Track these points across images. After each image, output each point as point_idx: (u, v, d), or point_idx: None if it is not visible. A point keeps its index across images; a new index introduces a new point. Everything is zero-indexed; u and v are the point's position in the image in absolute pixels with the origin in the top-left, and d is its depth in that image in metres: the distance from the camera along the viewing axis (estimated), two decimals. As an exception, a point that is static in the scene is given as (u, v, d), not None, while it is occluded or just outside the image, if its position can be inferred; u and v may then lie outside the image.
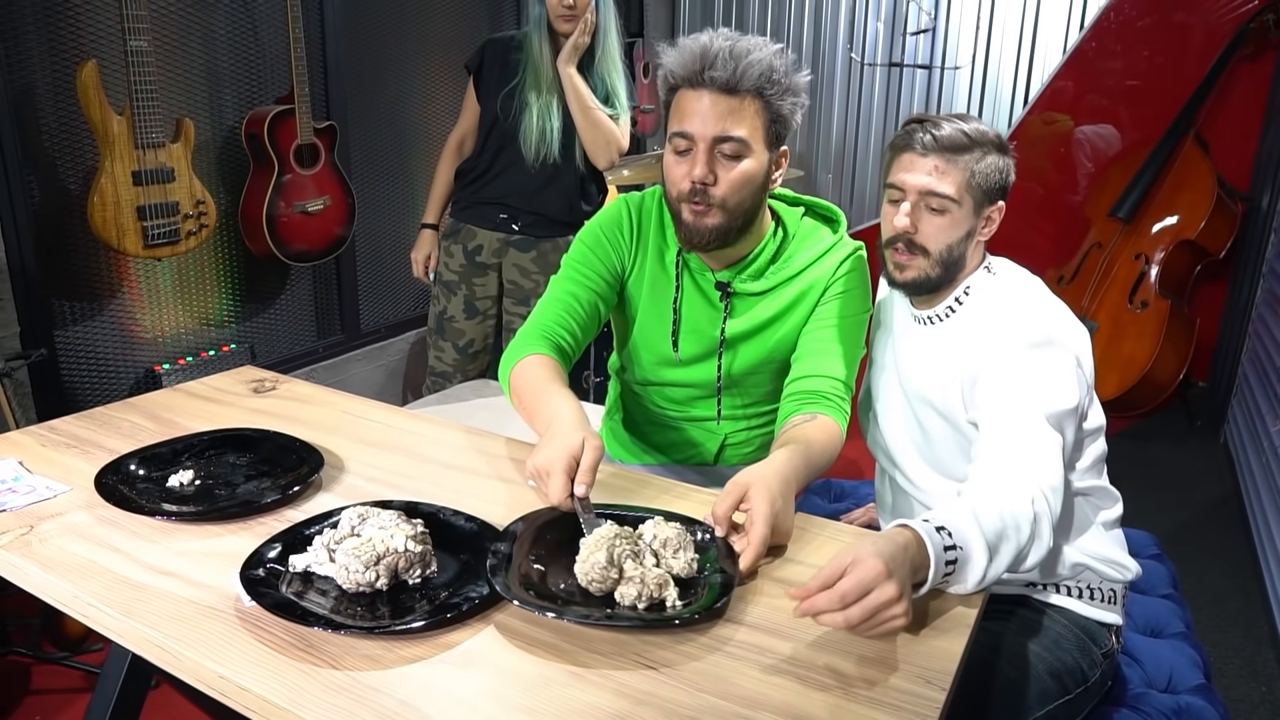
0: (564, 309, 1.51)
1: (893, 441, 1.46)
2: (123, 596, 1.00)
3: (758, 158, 1.38)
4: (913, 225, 1.30)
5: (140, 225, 2.34)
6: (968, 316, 1.34)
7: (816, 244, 1.52)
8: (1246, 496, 2.85)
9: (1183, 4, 3.66)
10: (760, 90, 1.34)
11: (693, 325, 1.54)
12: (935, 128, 1.28)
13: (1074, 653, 1.29)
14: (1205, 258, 3.45)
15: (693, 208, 1.40)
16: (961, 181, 1.28)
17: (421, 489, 1.27)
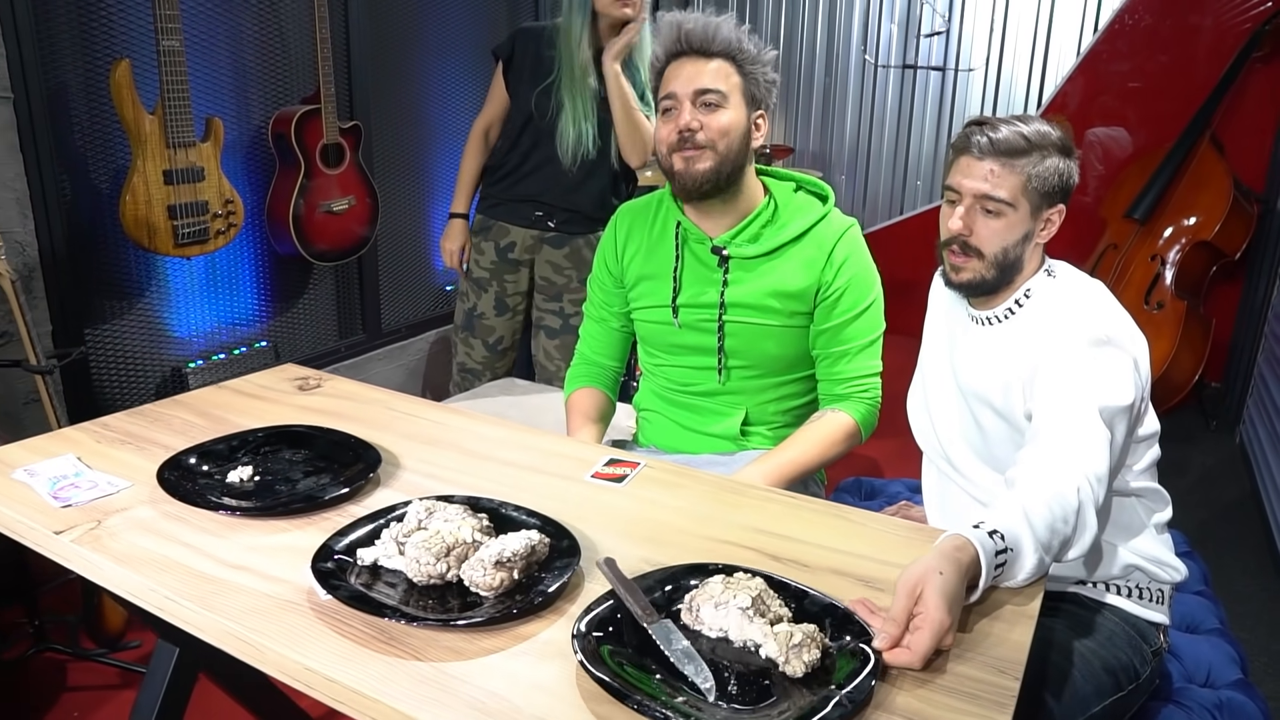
0: (599, 335, 1.82)
1: (947, 438, 1.47)
2: (199, 590, 1.01)
3: (737, 111, 1.55)
4: (967, 228, 1.31)
5: (171, 224, 2.35)
6: (1028, 318, 1.35)
7: (809, 213, 1.63)
8: (1265, 496, 2.87)
9: (1196, 6, 3.69)
10: (731, 54, 1.54)
11: (692, 292, 1.65)
12: (993, 130, 1.29)
13: (1127, 650, 1.31)
14: (1221, 259, 3.47)
15: (684, 155, 1.56)
16: (1017, 185, 1.28)
17: (477, 484, 1.28)
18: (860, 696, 0.85)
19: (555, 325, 2.58)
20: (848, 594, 1.02)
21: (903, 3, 4.26)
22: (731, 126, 1.54)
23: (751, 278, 1.62)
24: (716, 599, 0.96)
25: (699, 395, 1.72)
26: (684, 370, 1.71)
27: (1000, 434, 1.38)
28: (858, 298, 1.62)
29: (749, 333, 1.64)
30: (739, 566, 1.03)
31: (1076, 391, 1.21)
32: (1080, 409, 1.20)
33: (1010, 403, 1.33)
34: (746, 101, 1.56)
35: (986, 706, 0.86)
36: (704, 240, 1.63)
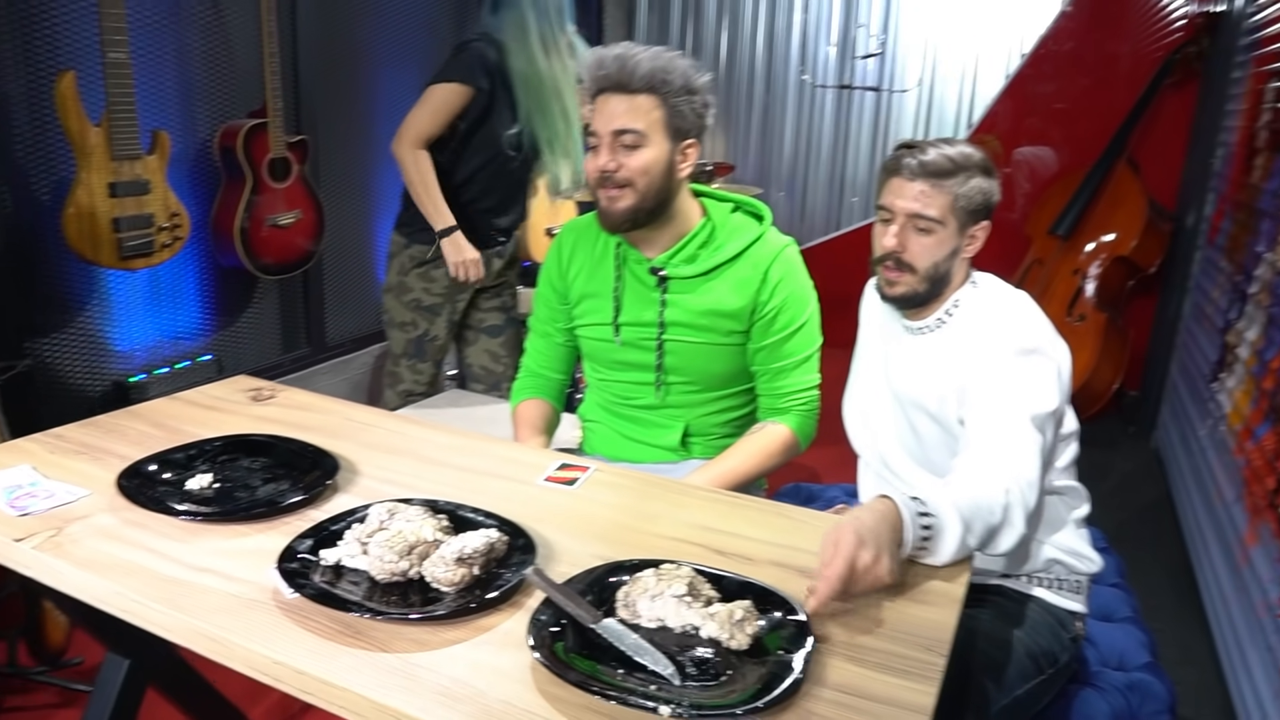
0: (545, 348, 1.86)
1: (883, 443, 1.55)
2: (165, 592, 1.04)
3: (657, 147, 1.56)
4: (900, 245, 1.39)
5: (115, 237, 2.35)
6: (957, 327, 1.44)
7: (745, 234, 1.67)
8: (1178, 497, 3.04)
9: (1114, 35, 3.90)
10: (653, 88, 1.53)
11: (632, 312, 1.69)
12: (922, 153, 1.37)
13: (1048, 637, 1.40)
14: (1138, 273, 3.66)
15: (605, 194, 1.59)
16: (946, 204, 1.37)
17: (435, 489, 1.33)
18: (807, 656, 0.93)
19: (499, 322, 2.65)
20: (789, 585, 1.09)
21: (839, 26, 4.42)
22: (651, 164, 1.55)
23: (689, 297, 1.66)
24: (651, 591, 1.02)
25: (640, 408, 1.77)
26: (625, 385, 1.76)
27: (935, 438, 1.46)
28: (794, 315, 1.67)
29: (687, 350, 1.69)
30: (664, 560, 1.09)
31: (1006, 400, 1.30)
32: (1010, 417, 1.29)
33: (944, 408, 1.42)
34: (670, 135, 1.56)
35: (915, 680, 0.93)
36: (642, 261, 1.67)
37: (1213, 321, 3.01)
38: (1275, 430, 2.15)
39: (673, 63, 1.54)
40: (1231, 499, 2.38)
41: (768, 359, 1.69)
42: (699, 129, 1.60)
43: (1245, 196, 2.86)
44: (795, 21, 4.52)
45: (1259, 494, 2.15)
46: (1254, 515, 2.18)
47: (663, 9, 4.77)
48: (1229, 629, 2.20)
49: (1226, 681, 2.13)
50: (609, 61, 1.52)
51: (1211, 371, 2.88)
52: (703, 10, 4.70)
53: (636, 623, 1.01)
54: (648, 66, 1.51)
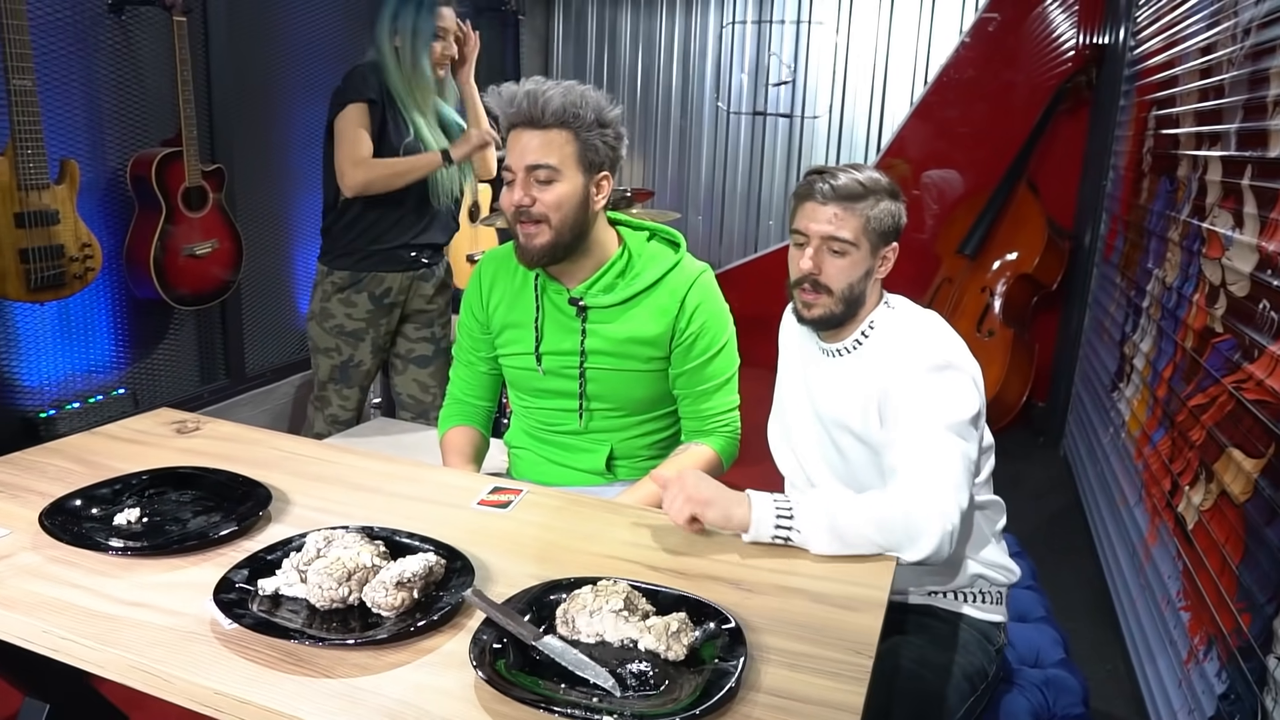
0: (470, 377, 1.86)
1: (809, 464, 1.59)
2: (97, 629, 1.03)
3: (570, 181, 1.56)
4: (816, 267, 1.44)
5: (23, 269, 2.28)
6: (873, 347, 1.49)
7: (662, 262, 1.70)
8: (1085, 502, 3.19)
9: (1009, 64, 4.11)
10: (564, 123, 1.53)
11: (553, 341, 1.71)
12: (833, 178, 1.43)
13: (978, 654, 1.46)
14: (1041, 290, 3.84)
15: (522, 229, 1.59)
16: (859, 226, 1.43)
17: (368, 516, 1.33)
18: (742, 663, 0.96)
19: (428, 353, 2.65)
20: (721, 597, 1.13)
21: (751, 54, 4.55)
22: (565, 199, 1.56)
23: (609, 326, 1.67)
24: (590, 607, 1.05)
25: (565, 433, 1.79)
26: (549, 412, 1.78)
27: (859, 457, 1.50)
28: (712, 340, 1.70)
29: (609, 378, 1.71)
30: (599, 577, 1.12)
31: (924, 414, 1.35)
32: (929, 429, 1.34)
33: (867, 427, 1.46)
34: (583, 168, 1.56)
35: (845, 681, 0.98)
36: (561, 291, 1.68)
37: (1111, 335, 3.18)
38: (1169, 435, 2.29)
39: (584, 96, 1.54)
40: (1133, 501, 2.52)
41: (689, 383, 1.72)
42: (612, 161, 1.61)
43: (1135, 216, 3.04)
44: (709, 50, 4.63)
45: (1157, 496, 2.28)
46: (1153, 516, 2.31)
47: (578, 38, 4.84)
48: (1135, 624, 2.32)
49: (1135, 673, 2.24)
50: (520, 97, 1.52)
51: (1111, 382, 3.04)
52: (617, 39, 4.78)
53: (576, 638, 1.04)
54: (559, 101, 1.51)
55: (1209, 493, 1.93)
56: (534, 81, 1.54)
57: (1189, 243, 2.34)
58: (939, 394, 1.37)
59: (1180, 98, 2.62)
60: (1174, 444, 2.24)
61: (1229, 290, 1.99)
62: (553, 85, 1.53)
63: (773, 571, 1.22)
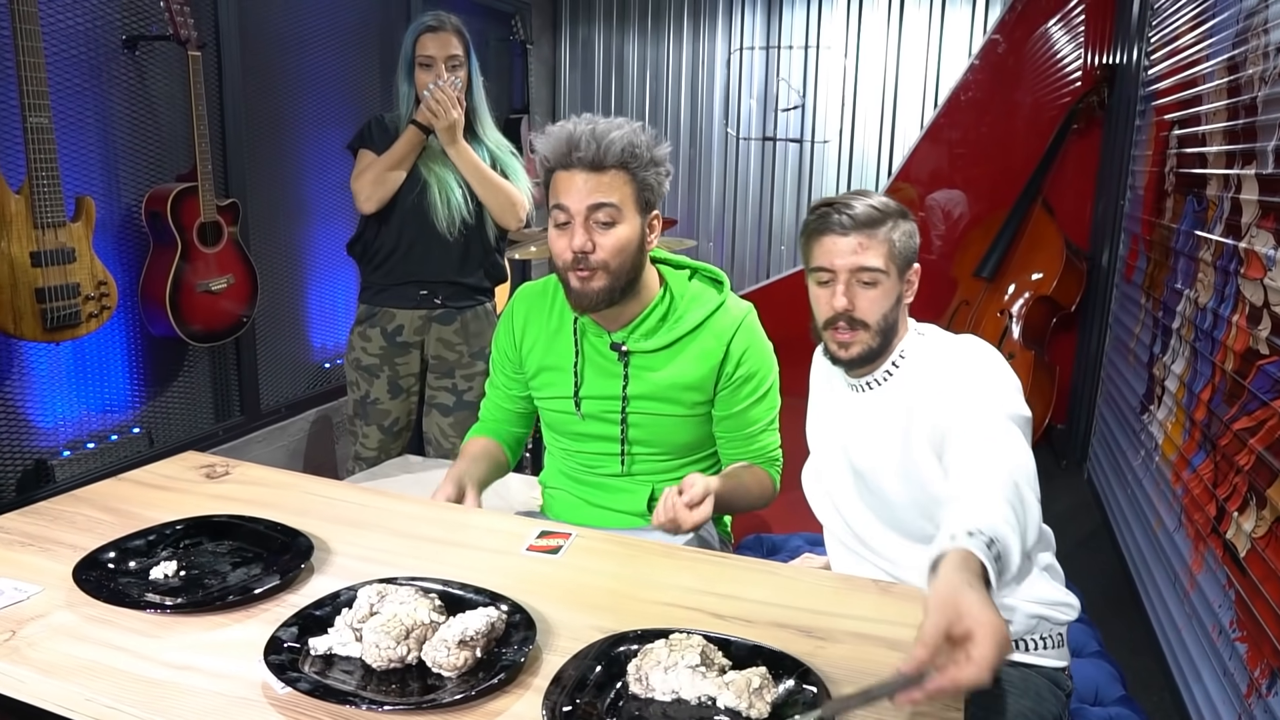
0: (499, 418, 1.83)
1: (848, 510, 1.51)
2: (143, 695, 0.97)
3: (630, 223, 1.51)
4: (850, 303, 1.37)
5: (39, 308, 2.23)
6: (906, 377, 1.41)
7: (705, 304, 1.64)
8: (1116, 526, 3.14)
9: (1019, 85, 4.10)
10: (624, 164, 1.48)
11: (594, 387, 1.64)
12: (848, 207, 1.37)
13: (1051, 702, 1.39)
14: (1059, 311, 3.81)
15: (578, 274, 1.52)
16: (885, 252, 1.37)
17: (415, 565, 1.28)
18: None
19: (449, 403, 2.58)
20: (793, 645, 1.08)
21: (760, 79, 4.53)
22: (626, 243, 1.51)
23: (652, 371, 1.62)
24: (664, 662, 1.00)
25: (605, 475, 1.72)
26: (588, 455, 1.72)
27: (902, 497, 1.41)
28: (759, 384, 1.65)
29: (653, 424, 1.65)
30: (670, 629, 1.07)
31: (986, 405, 1.25)
32: (993, 417, 1.23)
33: (910, 461, 1.37)
34: (640, 209, 1.52)
35: (939, 738, 0.93)
36: (602, 335, 1.63)
37: (1137, 356, 3.14)
38: (1211, 459, 2.24)
39: (637, 135, 1.50)
40: (1172, 527, 2.47)
41: (734, 426, 1.67)
42: (659, 199, 1.57)
43: (1159, 236, 3.01)
44: (718, 76, 4.62)
45: (1200, 522, 2.23)
46: (1197, 542, 2.26)
47: (585, 66, 4.83)
48: (1183, 654, 2.26)
49: (1185, 706, 2.18)
50: (581, 139, 1.46)
51: (1140, 404, 3.00)
52: (625, 67, 4.77)
53: (651, 696, 0.98)
54: (621, 144, 1.46)
55: (1262, 519, 1.87)
56: (586, 122, 1.48)
57: (1224, 262, 2.31)
58: (995, 387, 1.29)
59: (1206, 116, 2.60)
60: (1217, 468, 2.19)
61: (1273, 311, 1.95)
62: (610, 125, 1.48)
63: (841, 617, 1.17)
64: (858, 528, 1.50)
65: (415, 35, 2.43)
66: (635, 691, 0.99)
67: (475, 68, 2.49)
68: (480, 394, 2.62)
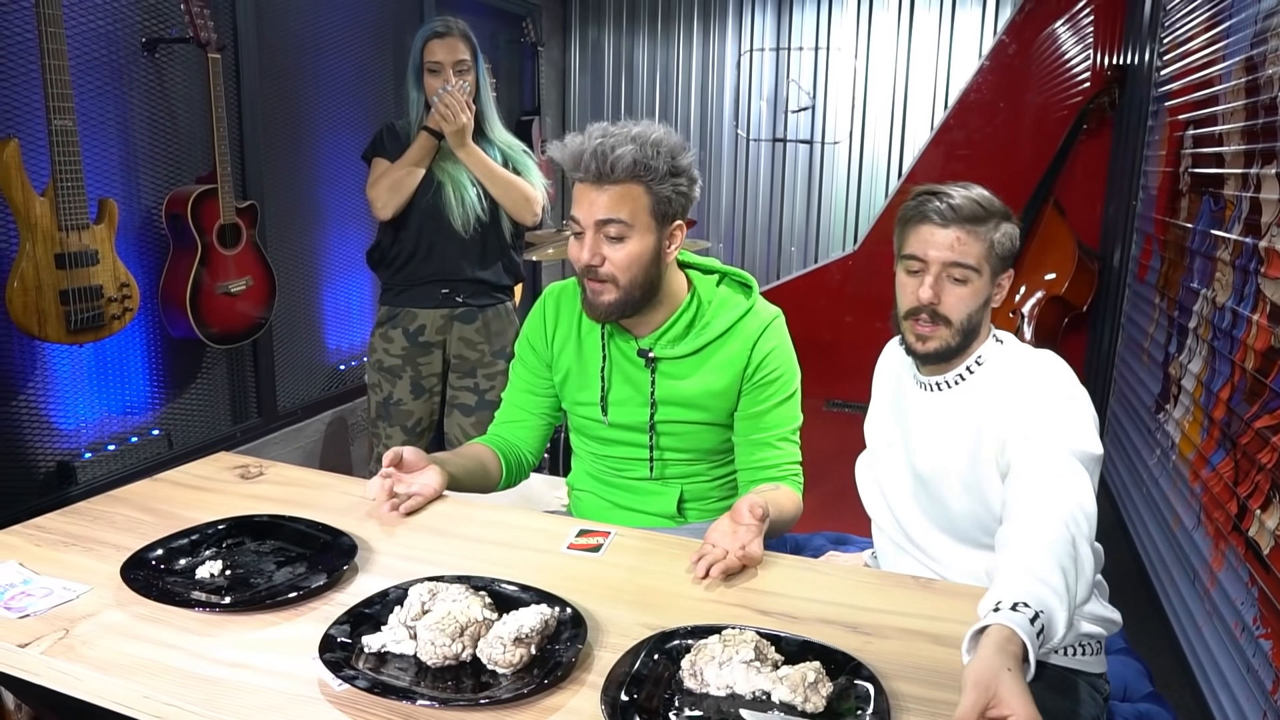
0: (517, 422, 1.79)
1: (901, 510, 1.49)
2: (201, 692, 0.98)
3: (643, 237, 1.48)
4: (936, 296, 1.34)
5: (63, 310, 2.24)
6: (981, 384, 1.38)
7: (733, 309, 1.62)
8: (1131, 525, 3.15)
9: (1030, 86, 4.11)
10: (636, 176, 1.45)
11: (621, 393, 1.64)
12: (950, 198, 1.33)
13: (1090, 705, 1.39)
14: (1071, 311, 3.82)
15: (590, 285, 1.53)
16: (982, 251, 1.33)
17: (459, 564, 1.29)
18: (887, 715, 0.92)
19: (470, 402, 2.59)
20: (841, 641, 1.09)
21: (770, 81, 4.54)
22: (635, 257, 1.48)
23: (679, 379, 1.60)
24: (719, 658, 1.01)
25: (633, 479, 1.71)
26: (616, 460, 1.71)
27: (962, 506, 1.39)
28: (781, 387, 1.61)
29: (681, 430, 1.64)
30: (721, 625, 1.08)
31: (1053, 439, 1.24)
32: (1058, 454, 1.22)
33: (976, 472, 1.35)
34: (656, 220, 1.48)
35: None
36: (630, 340, 1.62)
37: (1151, 355, 3.15)
38: (1231, 458, 2.25)
39: (658, 146, 1.45)
40: (1191, 526, 2.47)
41: (749, 429, 1.63)
42: (684, 208, 1.53)
43: (1174, 236, 3.02)
44: (728, 77, 4.63)
45: (1221, 520, 2.24)
46: (1217, 540, 2.26)
47: (595, 68, 4.84)
48: (1204, 652, 2.27)
49: (1207, 703, 2.19)
50: (587, 158, 1.44)
51: (1156, 403, 3.01)
52: (635, 69, 4.78)
53: (705, 691, 0.99)
54: (630, 158, 1.43)
55: (1286, 517, 1.88)
56: (601, 133, 1.46)
57: (1243, 261, 2.32)
58: (1068, 421, 1.27)
59: (1224, 116, 2.61)
60: (1238, 466, 2.19)
61: (1296, 310, 1.97)
62: (622, 137, 1.44)
63: (887, 613, 1.18)
64: (909, 526, 1.49)
65: (423, 41, 2.45)
66: (690, 686, 1.00)
67: (483, 71, 2.51)
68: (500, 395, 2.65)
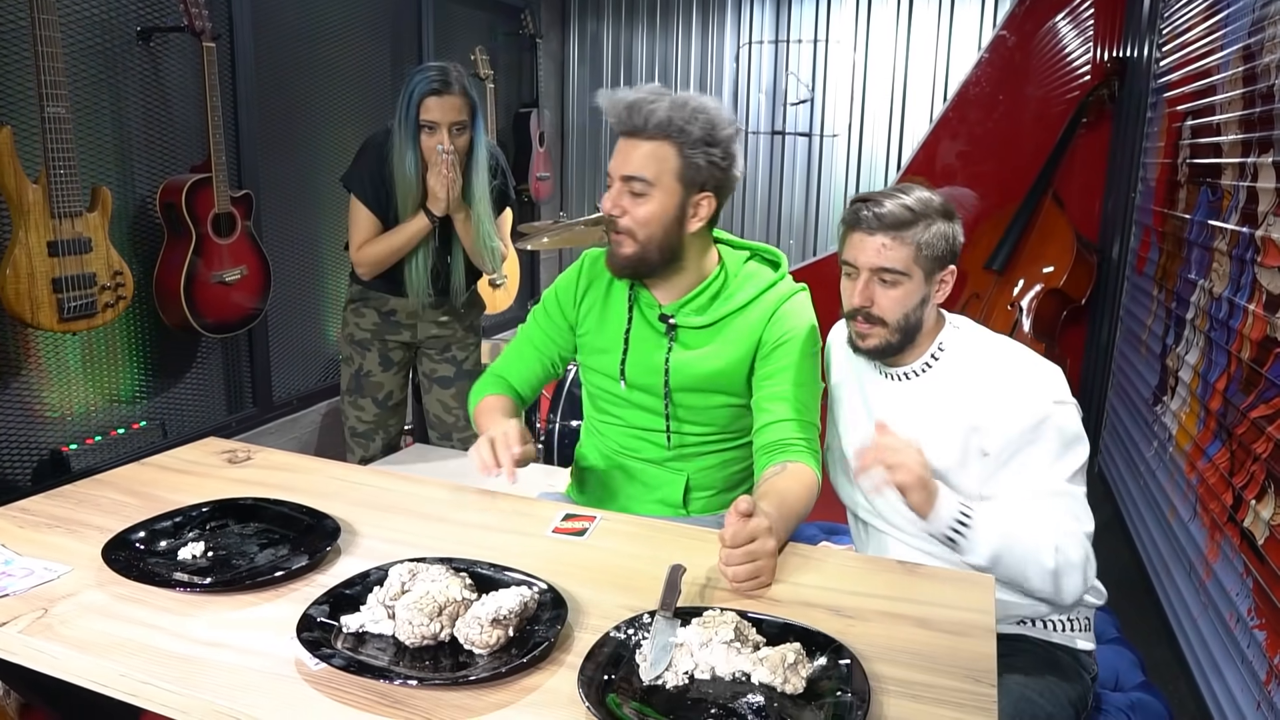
0: (520, 358, 1.79)
1: (880, 502, 1.51)
2: (177, 671, 0.97)
3: (664, 198, 1.49)
4: (868, 299, 1.39)
5: (56, 298, 2.23)
6: (948, 370, 1.43)
7: (757, 282, 1.62)
8: (1128, 516, 3.13)
9: (1029, 79, 4.09)
10: (667, 135, 1.46)
11: (639, 356, 1.63)
12: (878, 205, 1.37)
13: (1077, 683, 1.40)
14: (1069, 304, 3.80)
15: (612, 237, 1.55)
16: (908, 255, 1.37)
17: (442, 547, 1.28)
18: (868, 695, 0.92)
19: (449, 373, 2.61)
20: (823, 624, 1.08)
21: (769, 74, 4.53)
22: (653, 216, 1.49)
23: (697, 351, 1.60)
24: (699, 639, 1.00)
25: (644, 461, 1.69)
26: (630, 433, 1.69)
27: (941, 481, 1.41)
28: (800, 349, 1.57)
29: (696, 400, 1.63)
30: (702, 607, 1.07)
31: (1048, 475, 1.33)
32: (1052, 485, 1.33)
33: (948, 460, 1.39)
34: (683, 184, 1.49)
35: (972, 712, 0.93)
36: (654, 305, 1.63)
37: (1149, 347, 3.13)
38: (1227, 448, 2.24)
39: (696, 112, 1.46)
40: (1187, 517, 2.46)
41: (771, 389, 1.56)
42: (719, 183, 1.52)
43: (1172, 227, 3.01)
44: (726, 70, 4.62)
45: (1216, 510, 2.23)
46: (1213, 531, 2.25)
47: (594, 61, 4.83)
48: (1198, 642, 2.26)
49: (1201, 693, 2.18)
50: (621, 108, 1.47)
51: (1153, 395, 2.99)
52: (634, 62, 4.77)
53: (686, 671, 0.98)
54: (663, 114, 1.44)
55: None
56: (647, 90, 1.48)
57: (1240, 251, 2.30)
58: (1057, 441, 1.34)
59: (1221, 105, 2.59)
60: (1234, 457, 2.18)
61: (1292, 299, 1.95)
62: (663, 96, 1.47)
63: (871, 596, 1.17)
64: (884, 509, 1.51)
65: (420, 96, 2.28)
66: None
67: (480, 128, 2.39)
68: (478, 364, 2.64)
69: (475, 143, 2.39)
